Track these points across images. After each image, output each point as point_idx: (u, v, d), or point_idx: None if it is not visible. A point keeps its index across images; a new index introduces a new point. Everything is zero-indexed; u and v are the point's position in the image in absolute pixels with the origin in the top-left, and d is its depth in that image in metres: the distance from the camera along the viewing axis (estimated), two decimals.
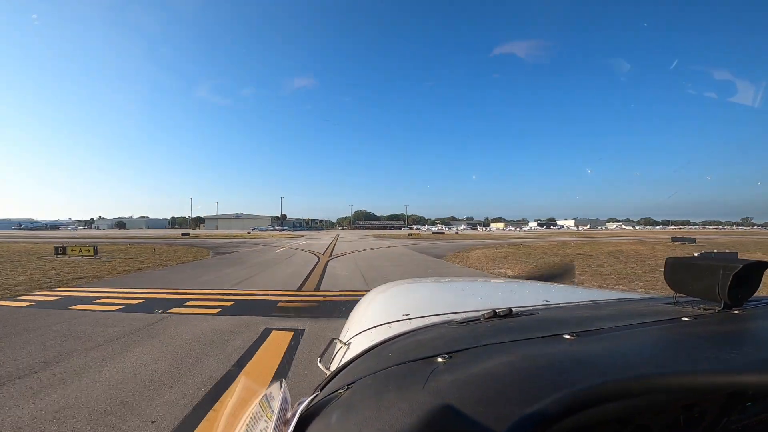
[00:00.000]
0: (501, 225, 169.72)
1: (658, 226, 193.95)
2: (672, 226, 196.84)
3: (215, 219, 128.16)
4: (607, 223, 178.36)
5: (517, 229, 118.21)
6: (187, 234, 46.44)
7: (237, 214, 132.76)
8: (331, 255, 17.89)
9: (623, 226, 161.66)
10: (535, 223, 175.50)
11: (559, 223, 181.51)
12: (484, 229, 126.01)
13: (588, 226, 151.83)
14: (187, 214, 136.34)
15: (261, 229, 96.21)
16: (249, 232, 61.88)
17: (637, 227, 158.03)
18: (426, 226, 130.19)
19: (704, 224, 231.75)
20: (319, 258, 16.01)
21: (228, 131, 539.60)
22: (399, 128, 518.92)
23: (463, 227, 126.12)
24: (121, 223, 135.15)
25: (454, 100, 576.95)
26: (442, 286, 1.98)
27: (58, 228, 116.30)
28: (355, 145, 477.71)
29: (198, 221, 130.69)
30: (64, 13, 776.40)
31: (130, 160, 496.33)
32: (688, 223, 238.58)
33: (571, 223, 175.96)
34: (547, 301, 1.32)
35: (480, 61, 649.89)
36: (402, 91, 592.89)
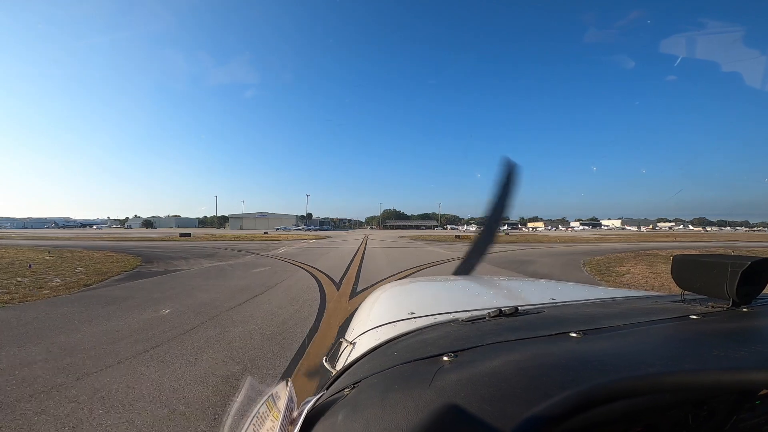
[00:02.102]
0: (540, 225, 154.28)
1: (725, 228, 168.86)
2: (745, 229, 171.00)
3: (240, 218, 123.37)
4: (658, 223, 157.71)
5: (568, 230, 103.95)
6: (188, 235, 38.78)
7: (262, 212, 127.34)
8: (356, 282, 8.58)
9: (691, 227, 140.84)
10: (578, 223, 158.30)
11: (603, 223, 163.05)
12: (527, 229, 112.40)
13: (651, 227, 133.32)
14: (216, 212, 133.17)
15: (285, 229, 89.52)
16: (265, 233, 54.23)
17: (708, 228, 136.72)
18: (465, 226, 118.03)
19: (765, 225, 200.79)
20: (323, 296, 6.70)
21: (256, 130, 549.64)
22: (428, 126, 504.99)
23: (504, 227, 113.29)
24: (148, 222, 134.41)
25: (478, 102, 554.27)
26: (447, 284, 1.96)
27: (84, 227, 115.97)
28: (382, 144, 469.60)
29: (223, 220, 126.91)
30: (104, 23, 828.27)
31: (167, 161, 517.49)
32: (746, 224, 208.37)
33: (617, 222, 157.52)
34: (553, 299, 1.30)
35: (480, 62, 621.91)
36: (427, 92, 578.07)
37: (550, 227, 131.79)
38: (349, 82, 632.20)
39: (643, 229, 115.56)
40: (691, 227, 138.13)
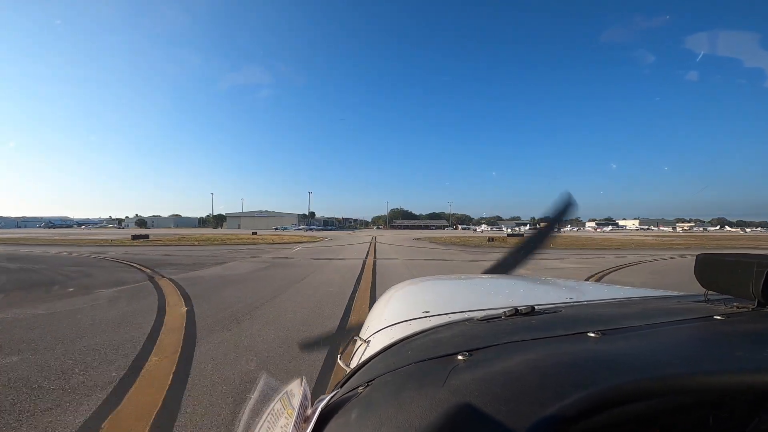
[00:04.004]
0: None
1: (757, 229, 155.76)
2: None
3: (237, 217, 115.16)
4: (677, 224, 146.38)
5: (598, 230, 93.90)
6: (145, 237, 29.94)
7: (261, 211, 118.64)
8: None
9: (728, 228, 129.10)
10: (593, 223, 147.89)
11: (620, 223, 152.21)
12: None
13: (687, 227, 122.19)
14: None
15: (284, 229, 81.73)
16: (254, 233, 45.98)
17: (748, 230, 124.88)
18: (482, 226, 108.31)
19: None
20: None
21: (258, 128, 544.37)
22: (437, 125, 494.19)
23: (525, 228, 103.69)
24: (141, 221, 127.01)
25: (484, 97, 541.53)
26: (462, 283, 1.93)
27: (72, 226, 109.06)
28: (389, 141, 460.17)
29: (220, 219, 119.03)
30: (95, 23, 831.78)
31: (171, 160, 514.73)
32: (764, 224, 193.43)
33: (634, 222, 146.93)
34: (570, 298, 1.28)
35: (493, 62, 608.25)
36: (438, 89, 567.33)
37: (575, 228, 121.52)
38: (353, 78, 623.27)
39: (679, 230, 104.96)
40: (728, 228, 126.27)
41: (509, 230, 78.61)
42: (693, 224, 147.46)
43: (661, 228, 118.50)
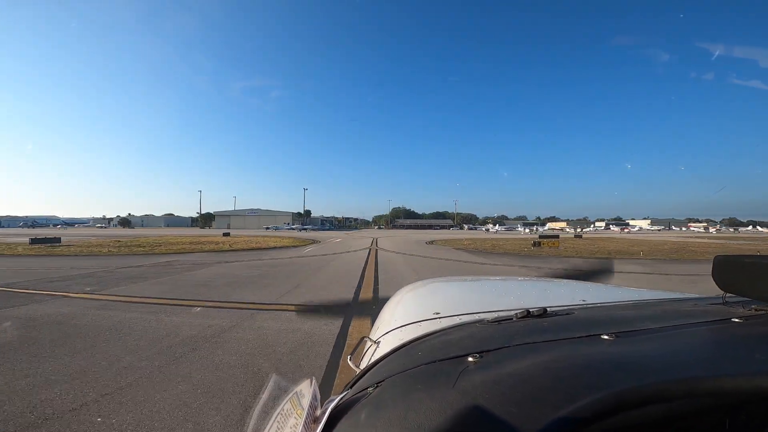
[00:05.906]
0: (562, 225, 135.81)
1: None
2: None
3: (227, 215, 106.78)
4: (690, 224, 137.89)
5: (624, 230, 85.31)
6: (54, 241, 21.43)
7: (252, 209, 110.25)
8: None
9: (759, 228, 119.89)
10: (603, 223, 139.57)
11: (630, 223, 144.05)
12: (574, 230, 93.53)
13: (718, 227, 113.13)
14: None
15: (276, 228, 73.78)
16: (226, 234, 37.71)
17: None
18: (497, 227, 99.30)
19: None
20: None
21: (257, 124, 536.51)
22: (441, 122, 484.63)
23: (534, 228, 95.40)
24: (125, 221, 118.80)
25: (484, 99, 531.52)
26: (473, 284, 1.92)
27: (47, 225, 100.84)
28: (390, 140, 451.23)
29: (209, 218, 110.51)
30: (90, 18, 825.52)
31: (166, 160, 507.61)
32: None
33: (643, 223, 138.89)
34: (584, 300, 1.27)
35: (500, 61, 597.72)
36: (433, 88, 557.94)
37: (593, 227, 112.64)
38: (354, 76, 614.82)
39: (711, 230, 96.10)
40: (759, 229, 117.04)
41: (527, 230, 69.97)
42: (707, 224, 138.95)
43: (692, 228, 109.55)
